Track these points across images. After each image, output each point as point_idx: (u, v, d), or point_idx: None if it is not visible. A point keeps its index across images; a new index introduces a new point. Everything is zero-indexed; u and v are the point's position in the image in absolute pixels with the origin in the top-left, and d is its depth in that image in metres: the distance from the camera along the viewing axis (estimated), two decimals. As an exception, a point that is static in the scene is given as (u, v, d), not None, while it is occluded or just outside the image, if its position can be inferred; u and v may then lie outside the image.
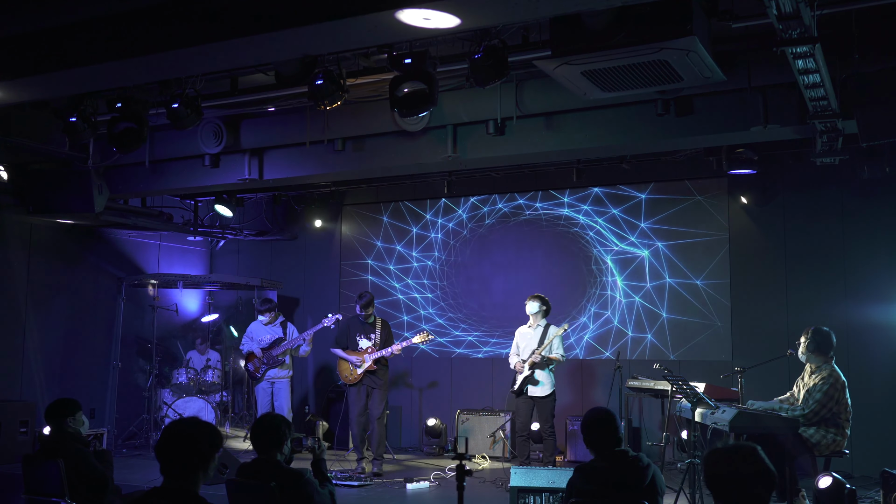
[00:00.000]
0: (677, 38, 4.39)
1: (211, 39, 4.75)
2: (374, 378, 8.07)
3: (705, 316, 8.80)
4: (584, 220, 9.47)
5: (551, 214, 9.65)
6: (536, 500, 5.67)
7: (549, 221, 9.65)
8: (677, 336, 8.91)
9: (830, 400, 5.97)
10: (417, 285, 10.29)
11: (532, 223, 9.75)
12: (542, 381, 7.57)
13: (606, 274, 9.33)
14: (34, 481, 4.82)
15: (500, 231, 9.93)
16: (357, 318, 8.21)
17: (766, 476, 2.67)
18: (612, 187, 9.33)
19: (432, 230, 10.28)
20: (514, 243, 9.82)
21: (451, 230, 10.17)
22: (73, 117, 6.36)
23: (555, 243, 9.60)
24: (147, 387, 9.73)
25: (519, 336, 7.91)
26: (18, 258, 9.11)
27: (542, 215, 9.70)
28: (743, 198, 8.63)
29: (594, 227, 9.42)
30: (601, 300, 9.32)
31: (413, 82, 5.30)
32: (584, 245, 9.45)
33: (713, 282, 8.79)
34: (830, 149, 6.33)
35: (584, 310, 9.38)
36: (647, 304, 9.09)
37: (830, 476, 5.75)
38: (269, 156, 8.09)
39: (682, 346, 8.88)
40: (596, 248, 9.39)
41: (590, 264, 9.41)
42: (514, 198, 9.85)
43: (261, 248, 11.36)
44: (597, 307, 9.34)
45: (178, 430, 3.08)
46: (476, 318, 9.95)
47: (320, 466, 4.36)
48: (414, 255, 10.34)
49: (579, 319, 9.36)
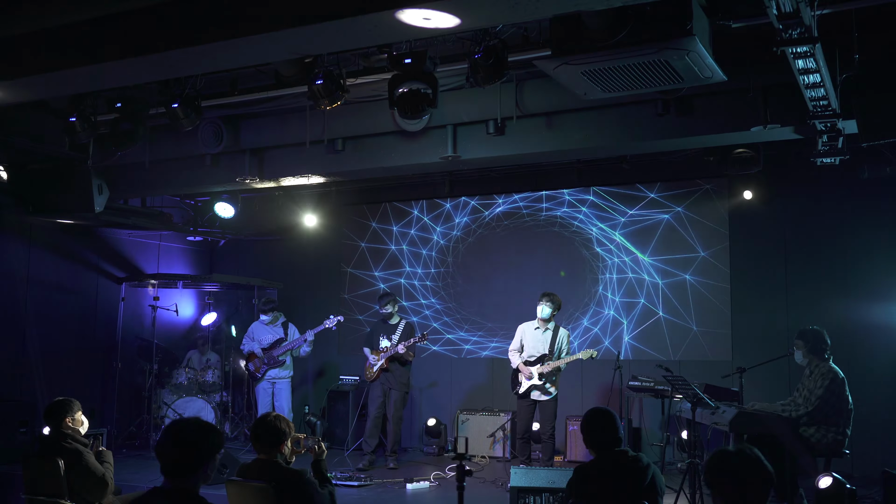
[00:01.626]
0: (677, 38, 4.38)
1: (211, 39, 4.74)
2: (389, 377, 8.36)
3: (705, 316, 8.80)
4: (584, 220, 9.47)
5: (551, 214, 9.65)
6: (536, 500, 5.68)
7: (549, 221, 9.65)
8: (677, 336, 8.91)
9: (832, 396, 5.99)
10: (417, 285, 10.29)
11: (532, 223, 9.75)
12: (550, 389, 7.54)
13: (606, 274, 9.33)
14: (34, 481, 4.82)
15: (500, 231, 9.92)
16: (383, 320, 8.64)
17: (766, 477, 2.71)
18: (612, 187, 9.33)
19: (432, 230, 10.28)
20: (514, 243, 9.82)
21: (451, 230, 10.17)
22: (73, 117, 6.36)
23: (555, 243, 9.59)
24: (147, 387, 9.73)
25: (525, 334, 7.77)
26: (18, 258, 9.11)
27: (542, 215, 9.70)
28: (743, 198, 8.63)
29: (594, 226, 9.42)
30: (601, 300, 9.32)
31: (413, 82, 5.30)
32: (584, 245, 9.45)
33: (713, 282, 8.79)
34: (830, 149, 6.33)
35: (584, 310, 9.38)
36: (647, 304, 9.09)
37: (830, 476, 5.75)
38: (269, 156, 8.09)
39: (682, 346, 8.88)
40: (596, 248, 9.39)
41: (590, 264, 9.41)
42: (513, 198, 9.85)
43: (261, 248, 11.36)
44: (597, 307, 9.34)
45: (178, 429, 3.08)
46: (476, 318, 9.95)
47: (320, 466, 4.36)
48: (414, 256, 10.34)
49: (579, 319, 9.35)
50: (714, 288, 8.78)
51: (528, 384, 7.55)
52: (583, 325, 9.34)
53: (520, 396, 7.64)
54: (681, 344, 8.88)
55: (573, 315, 9.37)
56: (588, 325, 9.34)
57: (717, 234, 8.82)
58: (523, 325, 7.84)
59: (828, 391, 5.98)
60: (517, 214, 9.84)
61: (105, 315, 10.12)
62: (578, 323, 9.35)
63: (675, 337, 8.92)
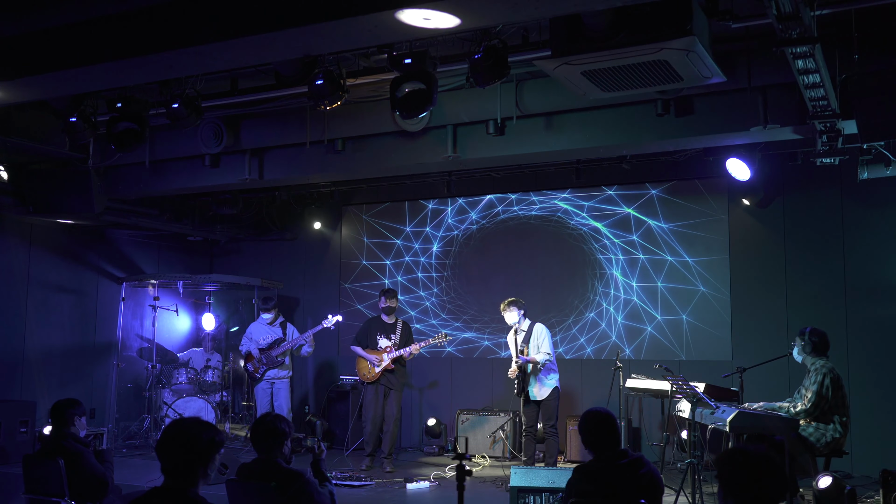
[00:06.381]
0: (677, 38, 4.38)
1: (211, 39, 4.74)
2: (391, 378, 8.25)
3: (705, 316, 8.79)
4: (584, 220, 9.47)
5: (551, 214, 9.65)
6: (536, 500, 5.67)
7: (549, 221, 9.65)
8: (677, 336, 8.91)
9: (828, 392, 6.00)
10: (418, 286, 10.29)
11: (532, 223, 9.75)
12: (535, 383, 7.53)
13: (606, 274, 9.33)
14: (34, 481, 4.82)
15: (500, 231, 9.93)
16: (378, 318, 8.44)
17: (782, 479, 2.75)
18: (612, 187, 9.33)
19: (432, 230, 10.28)
20: (514, 243, 9.82)
21: (452, 230, 10.17)
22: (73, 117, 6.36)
23: (554, 243, 9.60)
24: (147, 387, 9.74)
25: (508, 339, 7.86)
26: (18, 258, 9.12)
27: (542, 215, 9.70)
28: (743, 198, 8.63)
29: (594, 227, 9.42)
30: (601, 300, 9.32)
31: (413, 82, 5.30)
32: (584, 245, 9.45)
33: (713, 282, 8.79)
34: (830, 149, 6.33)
35: (584, 309, 9.38)
36: (647, 304, 9.09)
37: (830, 476, 5.75)
38: (269, 156, 8.09)
39: (682, 345, 8.88)
40: (596, 248, 9.39)
41: (589, 264, 9.41)
42: (513, 198, 9.85)
43: (261, 248, 11.36)
44: (597, 307, 9.34)
45: (178, 429, 3.08)
46: (476, 318, 9.95)
47: (320, 466, 4.36)
48: (414, 256, 10.34)
49: (579, 319, 9.35)
50: (714, 288, 8.78)
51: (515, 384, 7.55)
52: (582, 324, 9.33)
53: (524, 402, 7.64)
54: (681, 344, 8.89)
55: (573, 315, 9.37)
56: (587, 324, 9.33)
57: (717, 234, 8.82)
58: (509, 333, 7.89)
59: (823, 386, 6.00)
60: (517, 214, 9.84)
61: (105, 315, 10.12)
62: (577, 322, 9.35)
63: (675, 337, 8.92)
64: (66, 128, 6.43)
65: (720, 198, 8.81)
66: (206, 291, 10.97)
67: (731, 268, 8.73)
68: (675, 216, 9.03)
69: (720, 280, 8.77)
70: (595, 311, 9.34)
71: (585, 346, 9.33)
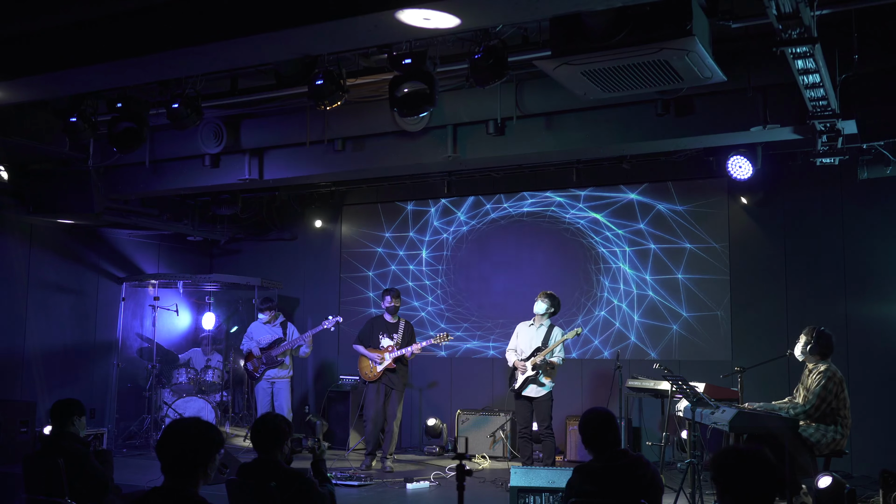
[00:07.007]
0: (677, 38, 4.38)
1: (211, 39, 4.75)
2: (393, 377, 8.24)
3: (705, 316, 8.80)
4: (584, 220, 9.47)
5: (551, 214, 9.65)
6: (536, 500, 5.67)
7: (549, 221, 9.65)
8: (677, 336, 8.91)
9: (829, 394, 5.99)
10: (417, 286, 10.29)
11: (532, 223, 9.75)
12: (544, 382, 7.53)
13: (606, 273, 9.33)
14: (34, 481, 4.82)
15: (500, 231, 9.92)
16: (381, 317, 8.43)
17: (776, 479, 2.74)
18: (613, 187, 9.33)
19: (432, 230, 10.28)
20: (515, 243, 9.82)
21: (452, 230, 10.17)
22: (73, 117, 6.36)
23: (555, 243, 9.59)
24: (147, 387, 9.73)
25: (520, 332, 7.80)
26: (18, 258, 9.11)
27: (542, 215, 9.70)
28: (743, 198, 8.63)
29: (594, 226, 9.42)
30: (601, 300, 9.32)
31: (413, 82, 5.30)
32: (584, 245, 9.45)
33: (713, 282, 8.79)
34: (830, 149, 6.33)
35: (584, 309, 9.38)
36: (647, 304, 9.09)
37: (830, 476, 5.75)
38: (269, 156, 8.09)
39: (682, 345, 8.88)
40: (596, 248, 9.39)
41: (589, 264, 9.41)
42: (513, 198, 9.85)
43: (261, 248, 11.36)
44: (596, 307, 9.34)
45: (178, 429, 3.08)
46: (476, 318, 9.95)
47: (320, 466, 4.36)
48: (414, 256, 10.34)
49: (579, 319, 9.35)
50: (714, 287, 8.78)
51: (521, 378, 7.53)
52: (582, 324, 9.32)
53: (516, 396, 7.64)
54: (681, 344, 8.88)
55: (572, 314, 9.37)
56: (587, 324, 9.33)
57: (716, 234, 8.82)
58: (520, 325, 7.86)
59: (825, 389, 5.99)
60: (517, 214, 9.84)
61: (105, 315, 10.12)
62: (577, 322, 9.34)
63: (674, 337, 8.92)
64: (66, 128, 6.44)
65: (720, 198, 8.81)
66: (206, 291, 10.96)
67: (731, 267, 8.72)
68: (675, 216, 9.01)
69: (720, 279, 8.75)
70: (594, 311, 9.32)
71: (585, 345, 9.31)
